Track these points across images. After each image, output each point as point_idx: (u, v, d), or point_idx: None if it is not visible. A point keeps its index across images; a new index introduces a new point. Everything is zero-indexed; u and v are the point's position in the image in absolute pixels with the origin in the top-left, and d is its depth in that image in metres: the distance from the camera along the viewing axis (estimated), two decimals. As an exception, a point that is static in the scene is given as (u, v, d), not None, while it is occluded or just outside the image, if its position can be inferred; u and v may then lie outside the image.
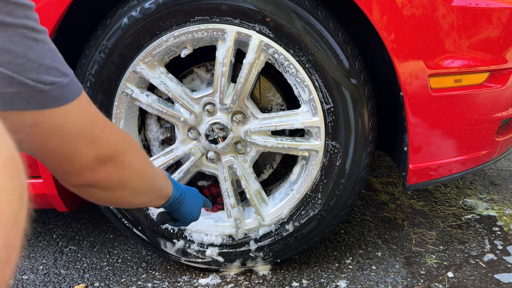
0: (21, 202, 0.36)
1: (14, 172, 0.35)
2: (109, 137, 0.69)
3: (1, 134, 0.35)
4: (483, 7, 1.09)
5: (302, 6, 1.10)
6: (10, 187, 0.34)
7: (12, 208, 0.34)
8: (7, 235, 0.33)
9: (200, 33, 1.13)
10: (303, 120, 1.19)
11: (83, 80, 1.21)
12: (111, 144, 0.70)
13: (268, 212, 1.30)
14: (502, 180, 2.03)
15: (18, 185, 0.35)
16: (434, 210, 1.76)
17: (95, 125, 0.66)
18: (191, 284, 1.35)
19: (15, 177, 0.35)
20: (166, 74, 1.20)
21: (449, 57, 1.11)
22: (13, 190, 0.35)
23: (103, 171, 0.69)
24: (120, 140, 0.72)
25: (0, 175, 0.34)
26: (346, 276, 1.36)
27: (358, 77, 1.15)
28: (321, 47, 1.12)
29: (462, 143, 1.23)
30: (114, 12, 1.16)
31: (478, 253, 1.46)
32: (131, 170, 0.75)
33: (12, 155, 0.35)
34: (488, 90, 1.18)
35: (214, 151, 1.27)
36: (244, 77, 1.16)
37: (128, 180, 0.75)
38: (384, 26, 1.07)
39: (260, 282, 1.34)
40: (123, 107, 1.23)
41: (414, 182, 1.24)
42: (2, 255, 0.33)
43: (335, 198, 1.25)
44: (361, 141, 1.20)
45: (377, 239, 1.56)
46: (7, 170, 0.34)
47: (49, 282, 1.39)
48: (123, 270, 1.43)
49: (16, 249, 0.35)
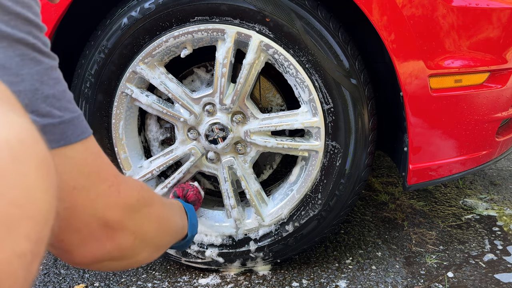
0: (53, 200, 0.37)
1: (49, 171, 0.37)
2: (118, 197, 0.57)
3: (36, 136, 0.36)
4: (483, 7, 1.09)
5: (302, 6, 1.10)
6: (46, 186, 0.36)
7: (46, 206, 0.36)
8: (41, 232, 0.35)
9: (200, 33, 1.13)
10: (303, 120, 1.19)
11: (83, 80, 1.21)
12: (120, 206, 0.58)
13: (268, 213, 1.30)
14: (502, 180, 2.03)
15: (52, 184, 0.37)
16: (434, 210, 1.76)
17: (99, 181, 0.55)
18: (191, 284, 1.35)
19: (49, 176, 0.37)
20: (166, 75, 1.20)
21: (449, 57, 1.11)
22: (48, 189, 0.36)
23: (115, 239, 0.58)
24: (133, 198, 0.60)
25: (37, 174, 0.35)
26: (346, 276, 1.36)
27: (358, 77, 1.15)
28: (321, 47, 1.12)
29: (462, 143, 1.23)
30: (114, 12, 1.16)
31: (478, 253, 1.46)
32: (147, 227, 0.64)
33: (47, 155, 0.37)
34: (488, 90, 1.18)
35: (214, 151, 1.27)
36: (244, 78, 1.16)
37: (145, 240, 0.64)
38: (384, 26, 1.06)
39: (260, 282, 1.34)
40: (123, 107, 1.23)
41: (414, 182, 1.24)
42: (35, 249, 0.34)
43: (335, 198, 1.25)
44: (361, 141, 1.20)
45: (377, 239, 1.56)
46: (43, 169, 0.36)
47: (49, 282, 1.39)
48: (123, 270, 1.43)
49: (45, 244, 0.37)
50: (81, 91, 1.21)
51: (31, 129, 0.36)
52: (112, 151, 1.26)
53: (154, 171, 1.28)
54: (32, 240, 0.34)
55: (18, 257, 0.32)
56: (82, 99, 1.22)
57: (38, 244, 0.35)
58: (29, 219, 0.34)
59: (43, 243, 0.36)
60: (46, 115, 0.48)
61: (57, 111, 0.49)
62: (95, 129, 1.24)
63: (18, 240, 0.32)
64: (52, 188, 0.37)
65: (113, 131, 1.25)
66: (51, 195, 0.37)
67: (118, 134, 1.25)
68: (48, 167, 0.37)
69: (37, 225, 0.34)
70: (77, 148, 0.52)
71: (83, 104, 1.22)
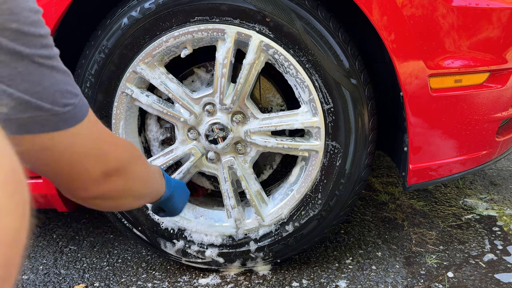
0: (23, 219, 0.35)
1: (16, 188, 0.34)
2: (115, 152, 0.72)
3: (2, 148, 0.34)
4: (483, 7, 1.09)
5: (302, 6, 1.10)
6: (12, 205, 0.33)
7: (13, 225, 0.33)
8: (8, 254, 0.33)
9: (200, 34, 1.13)
10: (303, 120, 1.19)
11: (83, 80, 1.21)
12: (117, 158, 0.72)
13: (268, 213, 1.30)
14: (502, 180, 2.03)
15: (20, 202, 0.34)
16: (434, 210, 1.76)
17: (102, 142, 0.68)
18: (191, 284, 1.35)
19: (16, 193, 0.34)
20: (166, 75, 1.20)
21: (449, 57, 1.11)
22: (15, 208, 0.34)
23: (109, 183, 0.71)
24: (125, 152, 0.75)
25: (2, 192, 0.32)
26: (346, 276, 1.36)
27: (358, 77, 1.15)
28: (321, 47, 1.12)
29: (462, 143, 1.23)
30: (114, 12, 1.16)
31: (478, 253, 1.46)
32: (134, 178, 0.78)
33: (14, 170, 0.34)
34: (488, 90, 1.18)
35: (214, 151, 1.27)
36: (244, 78, 1.16)
37: (131, 188, 0.78)
38: (384, 26, 1.06)
39: (260, 282, 1.34)
40: (123, 108, 1.23)
41: (414, 182, 1.24)
42: (4, 273, 0.32)
43: (335, 198, 1.25)
44: (361, 141, 1.20)
45: (377, 239, 1.56)
46: (8, 186, 0.33)
47: (49, 282, 1.39)
48: (123, 270, 1.43)
49: (17, 266, 0.34)
50: (81, 91, 1.21)
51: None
52: (112, 151, 1.27)
53: (154, 171, 1.28)
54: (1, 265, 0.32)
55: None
56: (82, 99, 1.22)
57: (8, 267, 0.33)
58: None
59: (14, 265, 0.34)
60: (64, 106, 0.58)
61: (71, 99, 0.60)
62: (95, 129, 1.24)
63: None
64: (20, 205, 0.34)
65: (113, 131, 1.25)
66: (20, 213, 0.34)
67: (118, 134, 1.25)
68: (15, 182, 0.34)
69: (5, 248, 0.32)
70: (84, 123, 0.63)
71: (83, 104, 1.22)
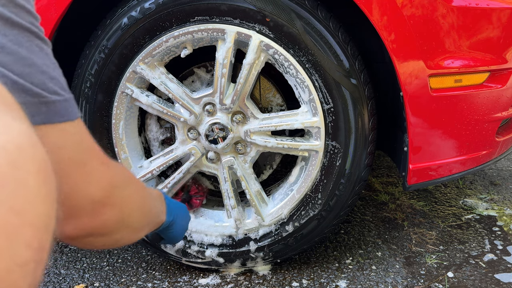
0: (53, 205, 0.37)
1: (48, 176, 0.36)
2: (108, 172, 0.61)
3: (34, 140, 0.36)
4: (483, 7, 1.09)
5: (302, 6, 1.10)
6: (45, 192, 0.35)
7: (46, 211, 0.35)
8: (42, 238, 0.34)
9: (200, 33, 1.13)
10: (303, 120, 1.19)
11: (83, 80, 1.21)
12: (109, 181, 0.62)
13: (268, 213, 1.30)
14: (502, 180, 2.03)
15: (52, 190, 0.37)
16: (434, 210, 1.76)
17: (93, 157, 0.59)
18: (191, 284, 1.35)
19: (48, 181, 0.36)
20: (166, 75, 1.20)
21: (449, 57, 1.11)
22: (47, 195, 0.36)
23: (102, 214, 0.61)
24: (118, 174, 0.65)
25: (36, 180, 0.34)
26: (346, 276, 1.36)
27: (358, 77, 1.15)
28: (321, 47, 1.12)
29: (462, 143, 1.23)
30: (114, 12, 1.16)
31: (478, 253, 1.46)
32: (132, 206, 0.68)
33: (46, 161, 0.37)
34: (488, 90, 1.18)
35: (214, 151, 1.27)
36: (244, 78, 1.16)
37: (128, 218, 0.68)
38: (384, 26, 1.06)
39: (260, 282, 1.34)
40: (123, 108, 1.23)
41: (414, 182, 1.24)
42: (37, 256, 0.34)
43: (335, 198, 1.25)
44: (361, 141, 1.20)
45: (377, 239, 1.56)
46: (42, 175, 0.35)
47: (49, 282, 1.39)
48: (123, 270, 1.43)
49: (48, 250, 0.36)
50: (81, 91, 1.21)
51: (28, 133, 0.35)
52: (112, 151, 1.26)
53: (154, 171, 1.28)
54: (34, 248, 0.33)
55: (19, 266, 0.32)
56: (82, 99, 1.22)
57: (40, 251, 0.34)
58: (29, 226, 0.33)
59: (45, 250, 0.35)
60: (54, 93, 0.53)
61: (62, 90, 0.55)
62: (95, 129, 1.24)
63: (19, 249, 0.32)
64: (51, 193, 0.36)
65: (113, 131, 1.25)
66: (51, 200, 0.36)
67: (118, 134, 1.25)
68: (46, 171, 0.36)
69: (38, 232, 0.34)
70: (76, 124, 0.57)
71: (83, 104, 1.22)
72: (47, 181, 0.36)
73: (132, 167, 1.28)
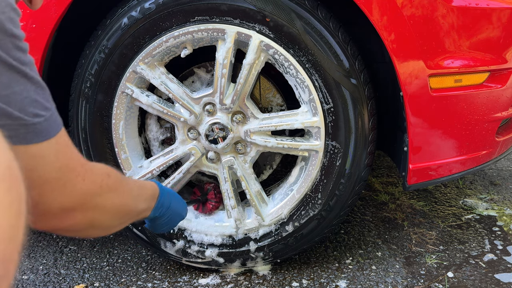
0: (19, 215, 0.35)
1: (12, 184, 0.34)
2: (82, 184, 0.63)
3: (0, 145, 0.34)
4: (483, 7, 1.09)
5: (302, 6, 1.10)
6: (8, 201, 0.33)
7: (9, 222, 0.33)
8: (5, 250, 0.33)
9: (200, 33, 1.13)
10: (303, 120, 1.19)
11: (83, 80, 1.21)
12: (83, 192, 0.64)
13: (268, 212, 1.30)
14: (502, 180, 2.03)
15: (16, 198, 0.34)
16: (434, 210, 1.76)
17: (68, 172, 0.61)
18: (191, 284, 1.35)
19: (13, 190, 0.34)
20: (166, 75, 1.20)
21: (449, 57, 1.11)
22: (11, 204, 0.34)
23: (70, 219, 0.64)
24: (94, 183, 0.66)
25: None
26: (346, 276, 1.36)
27: (358, 77, 1.15)
28: (321, 47, 1.12)
29: (462, 143, 1.23)
30: (114, 12, 1.16)
31: (478, 253, 1.46)
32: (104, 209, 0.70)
33: (11, 167, 0.35)
34: (488, 90, 1.18)
35: (214, 151, 1.27)
36: (244, 78, 1.16)
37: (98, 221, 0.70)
38: (384, 26, 1.06)
39: (260, 282, 1.34)
40: (123, 108, 1.23)
41: (414, 182, 1.24)
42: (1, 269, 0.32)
43: (335, 198, 1.25)
44: (361, 141, 1.20)
45: (377, 239, 1.56)
46: (5, 183, 0.33)
47: (49, 282, 1.39)
48: (123, 270, 1.43)
49: (14, 263, 0.34)
50: (81, 91, 1.21)
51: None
52: (112, 151, 1.27)
53: (154, 171, 1.28)
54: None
55: None
56: (82, 99, 1.22)
57: (5, 263, 0.32)
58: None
59: (11, 262, 0.33)
60: (35, 116, 0.54)
61: (43, 111, 0.55)
62: (95, 129, 1.24)
63: None
64: (17, 201, 0.34)
65: (113, 131, 1.25)
66: (16, 210, 0.34)
67: (118, 134, 1.25)
68: (11, 179, 0.34)
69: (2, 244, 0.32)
70: (55, 141, 0.57)
71: (83, 104, 1.22)
72: (12, 189, 0.34)
73: (132, 167, 1.28)
